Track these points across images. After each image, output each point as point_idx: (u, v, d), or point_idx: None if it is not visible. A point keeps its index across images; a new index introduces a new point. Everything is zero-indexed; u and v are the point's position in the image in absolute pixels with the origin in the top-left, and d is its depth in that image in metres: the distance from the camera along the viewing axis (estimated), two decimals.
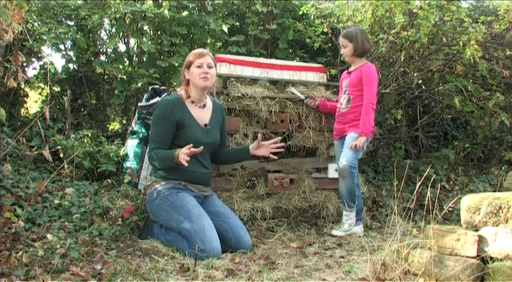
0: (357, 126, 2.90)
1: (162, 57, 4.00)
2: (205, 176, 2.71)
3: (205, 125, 2.69)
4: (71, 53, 4.13)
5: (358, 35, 2.91)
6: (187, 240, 2.45)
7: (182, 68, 2.73)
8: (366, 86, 2.88)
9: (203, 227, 2.43)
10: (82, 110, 4.23)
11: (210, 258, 2.33)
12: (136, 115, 3.44)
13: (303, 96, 3.11)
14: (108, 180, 3.38)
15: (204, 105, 2.71)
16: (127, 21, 4.03)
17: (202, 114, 2.70)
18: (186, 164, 2.43)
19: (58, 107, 3.97)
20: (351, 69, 3.03)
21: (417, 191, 2.76)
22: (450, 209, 3.26)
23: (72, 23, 4.12)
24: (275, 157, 2.86)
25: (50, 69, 3.98)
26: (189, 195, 2.60)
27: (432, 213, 2.58)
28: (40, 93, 4.27)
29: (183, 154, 2.43)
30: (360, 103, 2.90)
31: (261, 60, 3.35)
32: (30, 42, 3.58)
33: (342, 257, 2.53)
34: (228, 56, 3.29)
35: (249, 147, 2.83)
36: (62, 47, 4.01)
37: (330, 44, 4.06)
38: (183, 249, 2.45)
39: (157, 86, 3.50)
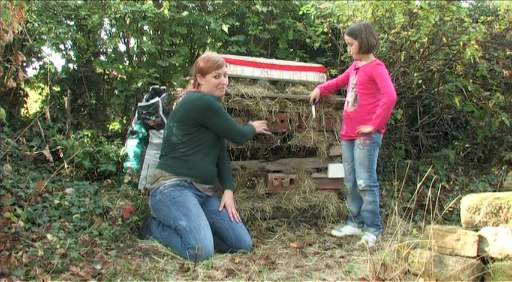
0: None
1: (162, 57, 4.00)
2: (215, 174, 2.77)
3: None
4: (71, 53, 4.14)
5: (363, 31, 2.81)
6: (180, 238, 2.46)
7: (194, 70, 2.71)
8: (381, 83, 2.77)
9: (199, 225, 2.44)
10: (82, 110, 4.23)
11: (201, 257, 2.33)
12: (136, 115, 3.44)
13: (315, 115, 3.10)
14: (108, 180, 3.38)
15: None
16: (127, 21, 4.03)
17: None
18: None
19: (58, 107, 3.97)
20: (358, 65, 2.92)
21: (417, 191, 2.76)
22: (450, 209, 3.26)
23: (72, 23, 4.13)
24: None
25: (50, 69, 3.99)
26: (192, 194, 2.60)
27: (432, 213, 2.58)
28: (40, 93, 4.28)
29: (262, 127, 2.88)
30: (367, 102, 2.83)
31: (261, 60, 3.35)
32: (30, 42, 3.58)
33: (342, 257, 2.53)
34: (228, 56, 3.28)
35: (225, 189, 2.77)
36: (62, 47, 4.02)
37: (330, 44, 4.06)
38: (175, 246, 2.46)
39: (157, 86, 3.50)
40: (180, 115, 2.65)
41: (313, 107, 3.09)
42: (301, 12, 4.08)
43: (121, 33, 4.09)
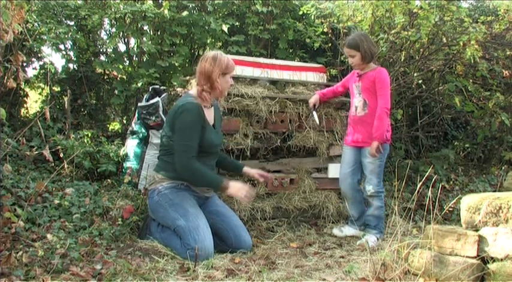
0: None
1: (162, 57, 4.00)
2: None
3: (213, 125, 2.67)
4: (71, 53, 4.14)
5: (364, 42, 2.79)
6: (180, 239, 2.45)
7: (215, 71, 2.54)
8: (380, 90, 2.80)
9: (198, 225, 2.44)
10: (82, 110, 4.22)
11: (201, 258, 2.33)
12: (136, 115, 3.44)
13: (318, 121, 3.10)
14: (108, 180, 3.38)
15: (211, 105, 2.70)
16: (127, 21, 4.03)
17: (210, 115, 2.68)
18: (246, 200, 2.52)
19: (58, 107, 3.97)
20: (360, 72, 2.92)
21: (418, 191, 2.76)
22: (450, 209, 3.26)
23: (72, 23, 4.12)
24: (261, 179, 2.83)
25: (50, 69, 3.98)
26: (190, 195, 2.60)
27: (432, 213, 2.58)
28: (40, 93, 4.28)
29: (245, 192, 2.49)
30: (376, 105, 2.82)
31: (261, 60, 3.36)
32: (30, 42, 3.58)
33: (342, 257, 2.54)
34: (228, 56, 3.29)
35: (243, 166, 2.80)
36: (62, 47, 4.02)
37: (330, 44, 4.06)
38: (175, 247, 2.46)
39: (157, 86, 3.50)
40: (169, 120, 2.61)
41: (314, 113, 3.09)
42: (301, 12, 4.08)
43: (121, 33, 4.09)
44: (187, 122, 2.50)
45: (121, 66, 4.16)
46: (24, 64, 3.82)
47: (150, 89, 3.46)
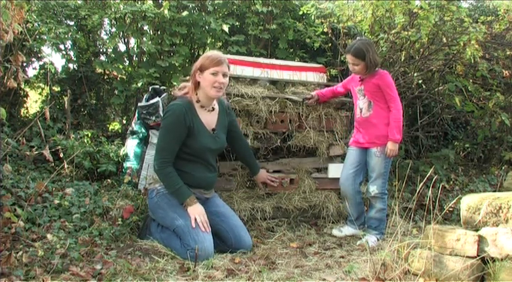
0: (380, 139, 2.83)
1: (162, 57, 4.01)
2: (211, 180, 2.69)
3: (213, 129, 2.64)
4: (71, 53, 4.14)
5: (370, 52, 2.75)
6: (180, 239, 2.45)
7: (193, 69, 2.55)
8: (389, 95, 2.81)
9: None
10: (82, 110, 4.23)
11: (201, 258, 2.33)
12: (136, 115, 3.44)
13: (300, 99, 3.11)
14: (108, 180, 3.38)
15: (213, 109, 2.66)
16: (127, 21, 4.03)
17: (211, 119, 2.64)
18: (193, 224, 2.45)
19: (58, 107, 3.98)
20: (362, 76, 2.89)
21: (418, 191, 2.76)
22: (450, 209, 3.26)
23: (72, 23, 4.13)
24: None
25: (50, 69, 3.99)
26: None
27: (432, 213, 2.58)
28: (40, 93, 4.28)
29: (199, 219, 2.45)
30: (383, 105, 2.83)
31: (261, 60, 3.35)
32: (30, 42, 3.58)
33: (342, 257, 2.54)
34: (228, 56, 3.28)
35: (256, 173, 2.96)
36: (62, 47, 4.02)
37: (330, 44, 4.06)
38: (175, 248, 2.45)
39: (157, 86, 3.50)
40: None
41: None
42: (301, 12, 4.08)
43: (121, 33, 4.09)
44: (167, 124, 2.51)
45: (121, 66, 4.17)
46: (24, 64, 3.82)
47: (150, 89, 3.46)
